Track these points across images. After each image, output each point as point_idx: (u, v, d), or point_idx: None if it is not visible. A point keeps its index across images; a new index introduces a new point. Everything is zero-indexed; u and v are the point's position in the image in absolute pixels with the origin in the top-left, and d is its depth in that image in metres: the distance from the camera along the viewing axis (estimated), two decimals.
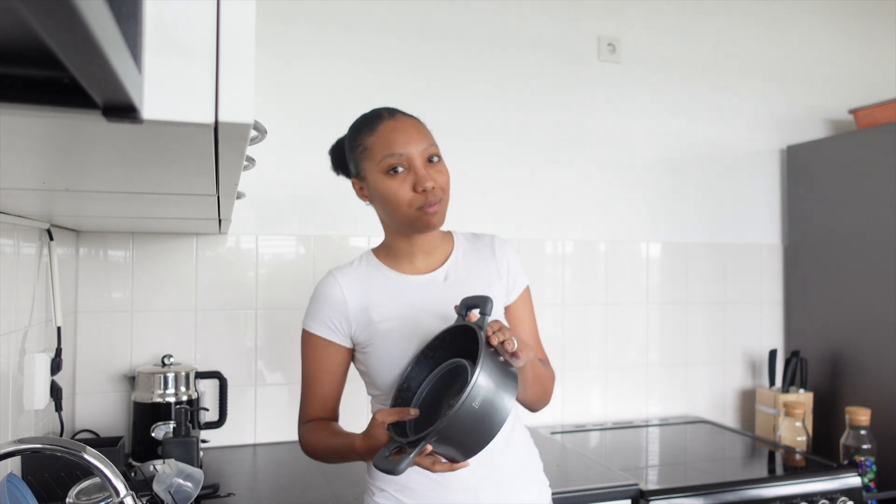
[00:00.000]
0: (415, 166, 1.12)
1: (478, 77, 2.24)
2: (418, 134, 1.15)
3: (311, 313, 1.22)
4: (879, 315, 2.18)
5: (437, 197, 1.12)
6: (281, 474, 1.75)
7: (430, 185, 1.11)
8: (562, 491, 1.57)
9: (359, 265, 1.24)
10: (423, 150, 1.14)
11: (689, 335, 2.48)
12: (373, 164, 1.14)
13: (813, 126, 2.64)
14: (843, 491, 1.76)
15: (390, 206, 1.15)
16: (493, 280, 1.24)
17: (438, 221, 1.15)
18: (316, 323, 1.20)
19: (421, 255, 1.22)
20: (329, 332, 1.19)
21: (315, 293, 1.23)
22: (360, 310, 1.18)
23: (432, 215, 1.13)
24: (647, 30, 2.44)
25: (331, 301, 1.19)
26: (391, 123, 1.15)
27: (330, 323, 1.19)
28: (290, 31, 2.05)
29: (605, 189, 2.39)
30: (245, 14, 0.48)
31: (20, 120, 0.45)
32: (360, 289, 1.19)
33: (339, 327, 1.19)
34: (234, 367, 1.99)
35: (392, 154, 1.12)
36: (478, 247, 1.28)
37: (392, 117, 1.17)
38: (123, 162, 0.68)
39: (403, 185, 1.12)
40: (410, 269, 1.22)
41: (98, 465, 0.89)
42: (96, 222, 1.62)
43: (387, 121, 1.16)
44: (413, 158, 1.13)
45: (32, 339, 1.49)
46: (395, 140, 1.13)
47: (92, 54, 0.25)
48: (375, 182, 1.15)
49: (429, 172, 1.13)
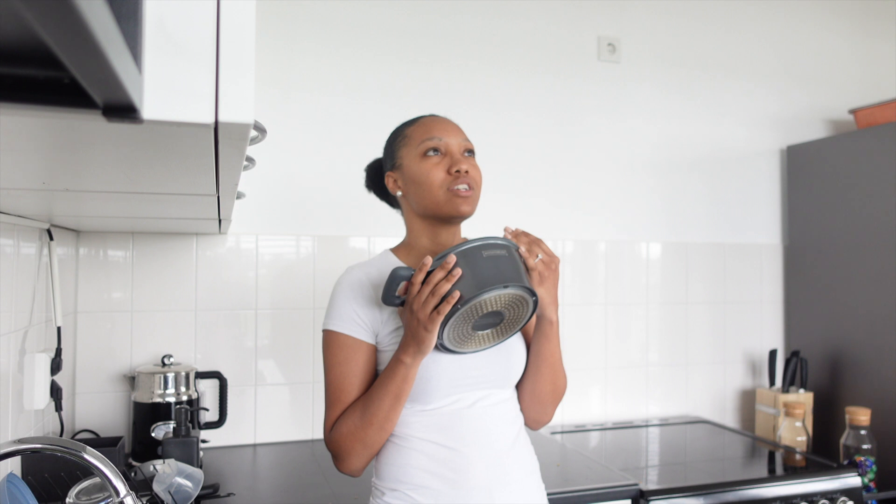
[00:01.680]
0: (451, 151, 1.18)
1: (478, 77, 2.24)
2: (457, 129, 1.22)
3: (334, 312, 1.16)
4: (879, 315, 2.18)
5: (469, 181, 1.16)
6: (281, 474, 1.75)
7: (465, 167, 1.16)
8: (562, 491, 1.57)
9: (379, 262, 1.22)
10: (461, 142, 1.20)
11: (689, 335, 2.48)
12: (411, 149, 1.19)
13: (813, 126, 2.64)
14: (843, 491, 1.76)
15: (423, 188, 1.17)
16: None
17: (468, 208, 1.17)
18: (342, 321, 1.15)
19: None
20: (357, 329, 1.15)
21: (338, 290, 1.18)
22: (385, 307, 1.16)
23: (464, 199, 1.15)
24: (647, 30, 2.44)
25: (357, 297, 1.16)
26: (432, 117, 1.24)
27: (358, 319, 1.15)
28: (291, 30, 2.05)
29: (605, 189, 2.39)
30: (245, 14, 0.48)
31: (20, 120, 0.45)
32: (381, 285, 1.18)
33: (366, 324, 1.15)
34: (234, 367, 1.99)
35: (431, 138, 1.18)
36: None
37: (433, 116, 1.25)
38: (123, 162, 0.68)
39: (438, 167, 1.16)
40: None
41: (98, 465, 0.89)
42: (96, 222, 1.62)
43: (428, 116, 1.25)
44: (451, 145, 1.18)
45: (32, 339, 1.49)
46: (436, 127, 1.20)
47: (92, 54, 0.25)
48: (411, 166, 1.18)
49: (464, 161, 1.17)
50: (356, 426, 1.11)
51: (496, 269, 1.04)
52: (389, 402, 1.09)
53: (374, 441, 1.12)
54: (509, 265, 1.06)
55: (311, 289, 2.06)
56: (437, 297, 1.02)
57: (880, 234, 2.18)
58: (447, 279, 1.02)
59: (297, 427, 2.04)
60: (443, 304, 1.02)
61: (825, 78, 2.66)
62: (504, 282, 1.04)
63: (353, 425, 1.11)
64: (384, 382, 1.10)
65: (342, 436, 1.12)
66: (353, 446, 1.12)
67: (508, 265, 1.06)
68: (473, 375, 1.15)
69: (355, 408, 1.12)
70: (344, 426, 1.12)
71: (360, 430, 1.11)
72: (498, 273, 1.04)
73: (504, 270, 1.05)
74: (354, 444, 1.12)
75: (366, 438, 1.11)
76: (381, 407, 1.10)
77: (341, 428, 1.13)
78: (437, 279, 1.03)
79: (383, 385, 1.10)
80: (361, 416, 1.11)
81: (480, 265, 1.04)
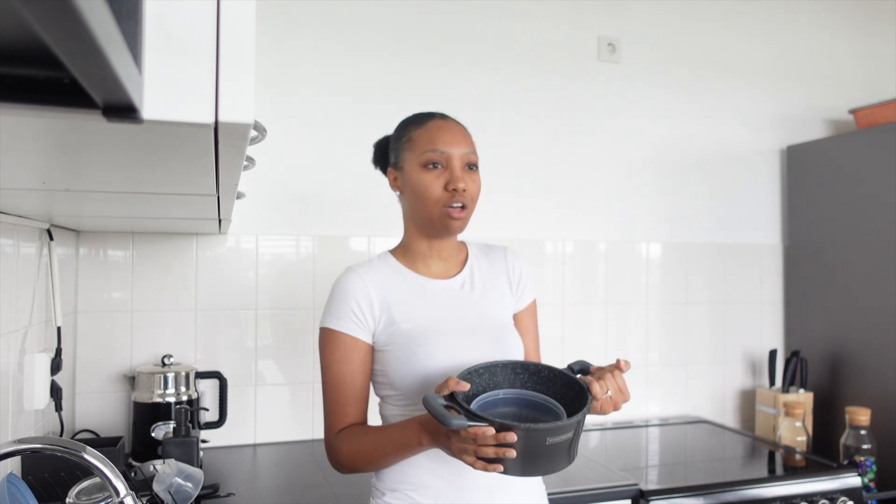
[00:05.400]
0: (452, 166, 1.16)
1: (478, 77, 2.24)
2: (463, 138, 1.19)
3: (333, 310, 1.16)
4: (879, 315, 2.18)
5: (465, 200, 1.15)
6: (281, 474, 1.75)
7: (462, 186, 1.14)
8: (562, 491, 1.57)
9: (378, 263, 1.23)
10: (464, 154, 1.18)
11: (689, 335, 2.48)
12: (413, 155, 1.18)
13: (813, 126, 2.64)
14: (843, 491, 1.76)
15: (419, 200, 1.17)
16: (505, 290, 1.27)
17: (459, 227, 1.17)
18: (341, 320, 1.15)
19: (438, 259, 1.24)
20: (356, 328, 1.15)
21: (337, 289, 1.18)
22: (384, 307, 1.16)
23: (456, 219, 1.15)
24: (647, 30, 2.44)
25: (356, 296, 1.16)
26: (440, 122, 1.20)
27: (357, 318, 1.15)
28: (291, 30, 2.05)
29: (604, 189, 2.39)
30: (245, 14, 0.48)
31: (20, 120, 0.45)
32: (382, 287, 1.18)
33: (365, 323, 1.15)
34: (234, 367, 1.99)
35: (434, 150, 1.16)
36: (491, 257, 1.31)
37: (442, 118, 1.21)
38: (123, 162, 0.68)
39: (437, 182, 1.15)
40: (426, 271, 1.23)
41: (98, 465, 0.89)
42: (96, 222, 1.62)
43: (436, 119, 1.21)
44: (452, 159, 1.16)
45: (32, 339, 1.49)
46: (440, 137, 1.17)
47: (92, 54, 0.25)
48: (411, 173, 1.18)
49: (464, 178, 1.16)
50: (360, 458, 1.13)
51: (549, 460, 0.95)
52: (397, 458, 1.12)
53: (376, 468, 1.16)
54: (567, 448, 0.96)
55: (312, 289, 2.06)
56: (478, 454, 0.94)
57: (880, 234, 2.18)
58: (495, 451, 0.92)
59: (297, 427, 2.04)
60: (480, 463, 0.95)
61: (825, 78, 2.66)
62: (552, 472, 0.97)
63: (358, 453, 1.13)
64: (397, 444, 1.08)
65: (346, 454, 1.14)
66: (357, 464, 1.14)
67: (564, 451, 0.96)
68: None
69: (363, 440, 1.13)
70: (348, 447, 1.13)
71: (363, 462, 1.13)
72: (550, 464, 0.96)
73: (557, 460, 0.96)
74: (357, 465, 1.14)
75: (368, 467, 1.15)
76: (388, 459, 1.12)
77: (346, 446, 1.14)
78: (487, 443, 0.93)
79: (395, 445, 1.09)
80: (368, 454, 1.12)
81: (537, 453, 0.93)
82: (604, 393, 1.02)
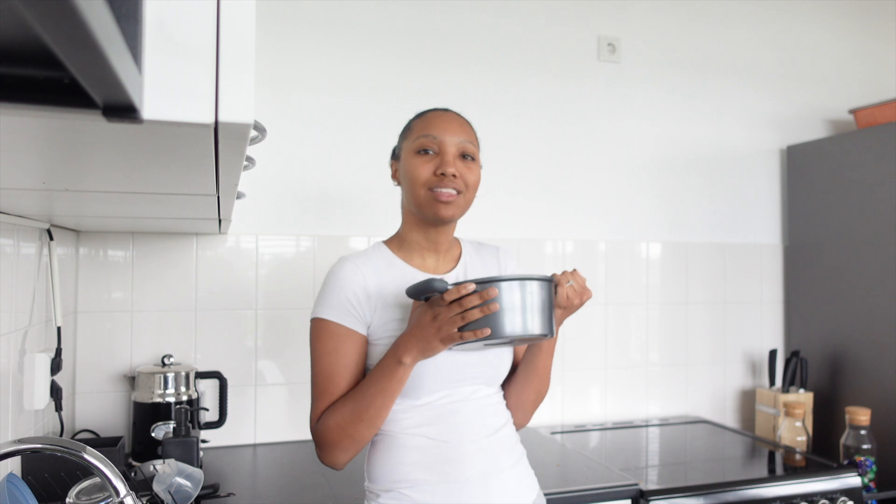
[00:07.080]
0: (444, 152, 1.15)
1: (478, 76, 2.24)
2: (460, 127, 1.19)
3: (325, 300, 1.14)
4: (879, 315, 2.18)
5: (454, 186, 1.14)
6: (281, 474, 1.75)
7: (451, 170, 1.13)
8: (562, 491, 1.57)
9: (373, 254, 1.21)
10: (459, 142, 1.17)
11: (689, 335, 2.48)
12: (409, 142, 1.19)
13: (813, 126, 2.64)
14: (843, 491, 1.76)
15: (409, 185, 1.17)
16: None
17: (448, 213, 1.15)
18: (333, 310, 1.13)
19: (433, 252, 1.23)
20: (349, 318, 1.12)
21: (330, 279, 1.15)
22: (379, 298, 1.14)
23: (443, 203, 1.14)
24: (647, 30, 2.44)
25: (349, 285, 1.13)
26: (439, 112, 1.21)
27: (351, 308, 1.12)
28: (291, 30, 2.05)
29: (604, 189, 2.39)
30: (245, 14, 0.49)
31: (20, 120, 0.45)
32: (377, 278, 1.16)
33: (358, 314, 1.13)
34: (234, 367, 1.99)
35: (427, 135, 1.16)
36: (483, 255, 1.30)
37: (444, 110, 1.22)
38: (123, 162, 0.68)
39: (426, 166, 1.15)
40: (421, 264, 1.22)
41: (98, 465, 0.89)
42: (96, 222, 1.62)
43: (437, 111, 1.22)
44: (445, 145, 1.16)
45: (32, 339, 1.49)
46: (434, 124, 1.18)
47: (92, 54, 0.25)
48: (405, 159, 1.18)
49: (457, 165, 1.15)
50: (345, 420, 1.09)
51: (530, 312, 1.04)
52: (381, 400, 1.08)
53: (362, 436, 1.10)
54: (543, 309, 1.06)
55: (311, 289, 2.06)
56: (466, 321, 1.00)
57: (880, 234, 2.18)
58: (482, 309, 1.00)
59: (297, 427, 2.04)
60: (468, 331, 1.01)
61: (825, 78, 2.66)
62: (534, 331, 1.04)
63: (341, 419, 1.09)
64: (377, 379, 1.07)
65: (330, 429, 1.10)
66: (341, 440, 1.09)
67: (542, 308, 1.06)
68: (467, 372, 1.16)
69: (345, 401, 1.10)
70: (332, 419, 1.10)
71: (349, 425, 1.08)
72: (531, 318, 1.04)
73: (536, 315, 1.05)
74: (342, 438, 1.09)
75: (354, 434, 1.09)
76: (373, 404, 1.08)
77: (329, 421, 1.10)
78: (472, 304, 1.00)
79: (376, 382, 1.07)
80: (352, 410, 1.08)
81: (516, 305, 1.03)
82: (566, 281, 1.11)
